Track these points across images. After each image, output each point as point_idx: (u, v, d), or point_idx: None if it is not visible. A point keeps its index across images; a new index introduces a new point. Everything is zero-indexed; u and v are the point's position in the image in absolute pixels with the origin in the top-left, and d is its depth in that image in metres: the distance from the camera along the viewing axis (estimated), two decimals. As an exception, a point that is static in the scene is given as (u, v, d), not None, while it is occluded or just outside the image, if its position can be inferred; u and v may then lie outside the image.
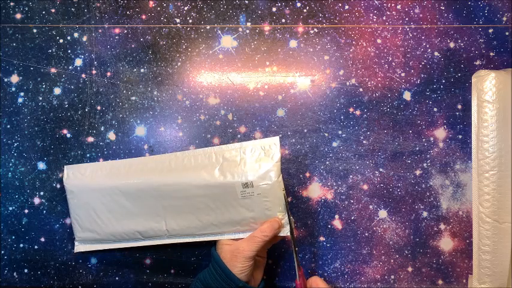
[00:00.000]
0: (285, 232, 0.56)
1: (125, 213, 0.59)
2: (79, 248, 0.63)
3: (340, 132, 0.64)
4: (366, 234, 0.63)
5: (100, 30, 0.66)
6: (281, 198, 0.55)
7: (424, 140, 0.64)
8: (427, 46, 0.64)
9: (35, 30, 0.66)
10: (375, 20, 0.65)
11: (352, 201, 0.63)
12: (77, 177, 0.62)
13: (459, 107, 0.64)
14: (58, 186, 0.65)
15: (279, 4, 0.65)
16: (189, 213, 0.58)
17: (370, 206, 0.63)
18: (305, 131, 0.64)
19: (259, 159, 0.56)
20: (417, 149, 0.63)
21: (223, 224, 0.57)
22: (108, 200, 0.60)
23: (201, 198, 0.57)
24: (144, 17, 0.66)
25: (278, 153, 0.56)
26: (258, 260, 0.57)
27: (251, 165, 0.56)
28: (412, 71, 0.64)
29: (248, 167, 0.56)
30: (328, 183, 0.63)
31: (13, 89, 0.66)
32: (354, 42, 0.65)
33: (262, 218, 0.56)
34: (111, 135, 0.65)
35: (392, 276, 0.63)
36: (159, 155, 0.61)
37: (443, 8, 0.65)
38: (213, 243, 0.59)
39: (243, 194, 0.55)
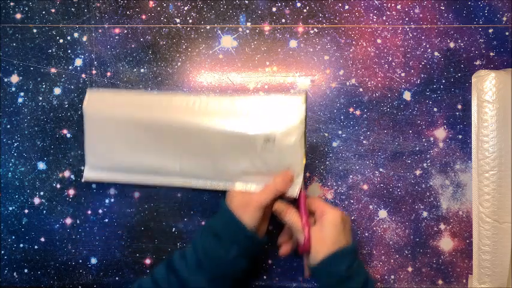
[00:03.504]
0: (294, 193, 0.55)
1: (141, 147, 0.59)
2: (88, 175, 0.62)
3: (340, 132, 0.64)
4: (366, 234, 0.63)
5: (100, 30, 0.66)
6: (300, 158, 0.55)
7: (424, 140, 0.64)
8: (427, 46, 0.64)
9: (35, 30, 0.66)
10: (375, 20, 0.65)
11: (352, 201, 0.63)
12: (98, 104, 0.61)
13: (459, 107, 0.64)
14: (58, 186, 0.65)
15: (279, 4, 0.65)
16: (206, 158, 0.57)
17: (370, 206, 0.63)
18: (305, 131, 0.64)
19: (285, 115, 0.55)
20: (417, 149, 0.63)
21: (237, 174, 0.57)
22: (126, 131, 0.59)
23: (220, 145, 0.56)
24: (144, 17, 0.66)
25: (304, 111, 0.55)
26: (266, 212, 0.56)
27: (276, 121, 0.55)
28: (412, 71, 0.64)
29: (273, 122, 0.55)
30: (328, 183, 0.63)
31: (13, 89, 0.66)
32: (354, 42, 0.65)
33: (276, 173, 0.55)
34: (111, 135, 0.65)
35: (392, 276, 0.63)
36: (184, 93, 0.61)
37: (443, 8, 0.65)
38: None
39: (263, 148, 0.55)
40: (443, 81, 0.64)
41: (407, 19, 0.65)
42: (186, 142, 0.57)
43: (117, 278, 0.64)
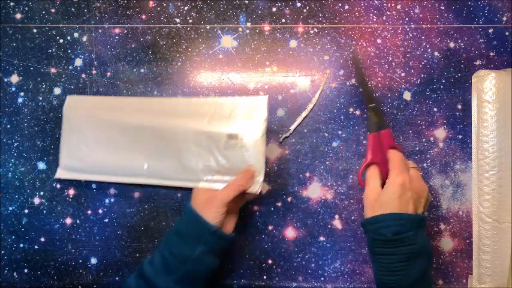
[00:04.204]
0: (255, 189, 0.57)
1: (112, 148, 0.62)
2: (60, 173, 0.64)
3: (340, 132, 0.64)
4: (366, 234, 0.63)
5: (100, 30, 0.66)
6: (261, 155, 0.57)
7: (424, 140, 0.64)
8: (427, 46, 0.64)
9: (35, 30, 0.66)
10: (375, 20, 0.65)
11: (352, 201, 0.63)
12: (77, 107, 0.64)
13: (459, 107, 0.64)
14: (58, 186, 0.65)
15: (279, 4, 0.65)
16: (172, 157, 0.60)
17: (370, 206, 0.63)
18: (305, 131, 0.64)
19: (248, 115, 0.58)
20: (417, 149, 0.63)
21: (201, 171, 0.59)
22: (101, 132, 0.63)
23: (186, 144, 0.60)
24: (144, 17, 0.66)
25: (265, 112, 0.58)
26: (231, 209, 0.57)
27: (239, 119, 0.58)
28: (412, 71, 0.64)
29: (236, 120, 0.58)
30: (328, 183, 0.63)
31: (13, 89, 0.66)
32: (354, 42, 0.65)
33: (239, 171, 0.58)
34: (111, 135, 0.65)
35: (392, 276, 0.63)
36: (158, 98, 0.64)
37: (443, 8, 0.65)
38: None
39: (226, 145, 0.58)
40: (443, 81, 0.64)
41: (407, 19, 0.65)
42: (154, 143, 0.61)
43: (117, 278, 0.64)
